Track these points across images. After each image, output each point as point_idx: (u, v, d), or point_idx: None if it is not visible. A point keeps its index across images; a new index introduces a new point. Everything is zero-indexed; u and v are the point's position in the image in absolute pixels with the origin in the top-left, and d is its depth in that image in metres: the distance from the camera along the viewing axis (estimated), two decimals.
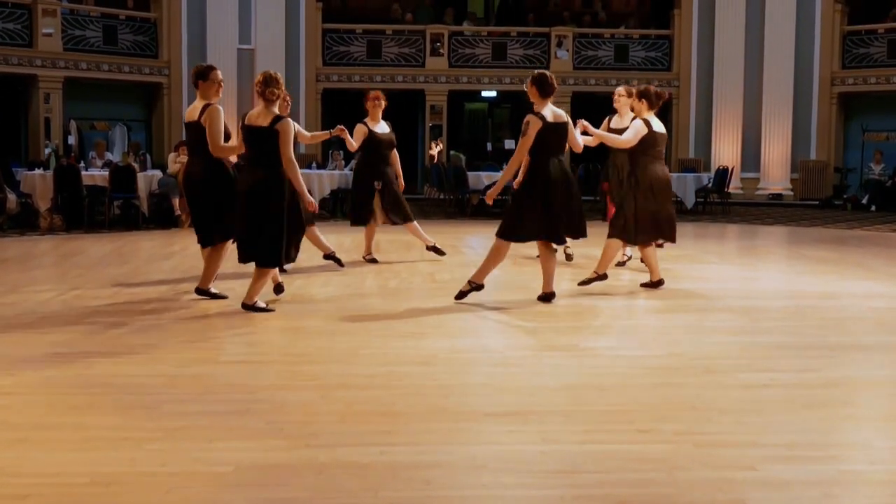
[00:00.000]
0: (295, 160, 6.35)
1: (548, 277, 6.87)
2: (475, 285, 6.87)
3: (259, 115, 6.35)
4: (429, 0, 22.70)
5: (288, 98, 7.52)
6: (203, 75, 6.72)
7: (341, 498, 3.10)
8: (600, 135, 7.54)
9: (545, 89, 6.68)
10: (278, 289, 6.92)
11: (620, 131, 7.81)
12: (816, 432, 3.87)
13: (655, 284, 7.54)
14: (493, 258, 6.85)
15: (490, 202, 7.15)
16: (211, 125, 6.55)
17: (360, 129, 8.89)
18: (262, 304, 6.45)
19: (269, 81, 6.30)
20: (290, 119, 6.45)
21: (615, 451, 3.56)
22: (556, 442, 3.69)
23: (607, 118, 8.66)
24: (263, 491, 3.15)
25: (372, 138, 8.82)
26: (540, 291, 6.91)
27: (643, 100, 7.34)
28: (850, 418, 4.15)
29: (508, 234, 6.76)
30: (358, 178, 9.02)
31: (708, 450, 3.59)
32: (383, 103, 8.94)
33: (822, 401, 4.35)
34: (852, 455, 3.65)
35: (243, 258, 6.49)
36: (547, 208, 6.62)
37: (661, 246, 8.28)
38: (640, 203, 7.28)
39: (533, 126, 6.61)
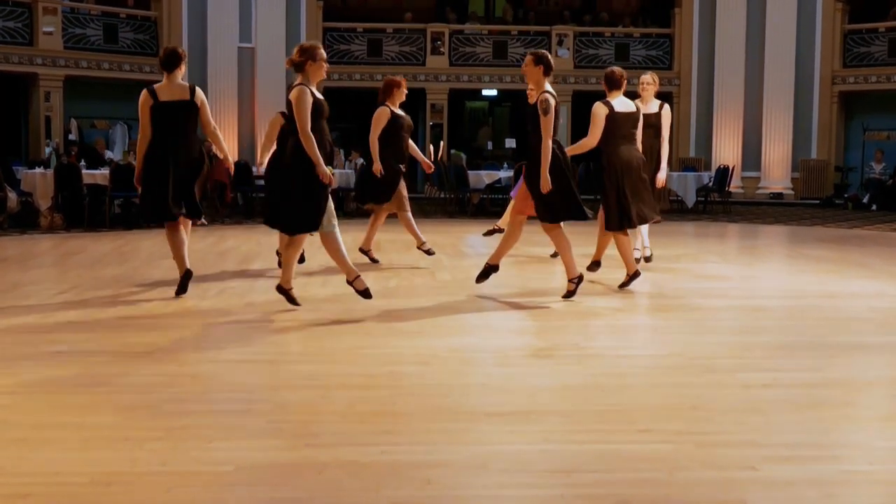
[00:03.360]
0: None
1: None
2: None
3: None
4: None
5: None
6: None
7: (342, 497, 3.10)
8: (569, 150, 7.38)
9: (549, 67, 6.70)
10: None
11: (647, 116, 8.12)
12: (817, 432, 3.87)
13: (632, 278, 7.40)
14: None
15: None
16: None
17: (383, 112, 8.61)
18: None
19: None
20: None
21: (616, 451, 3.56)
22: (557, 441, 3.69)
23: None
24: (264, 490, 3.14)
25: (395, 121, 8.67)
26: (541, 292, 6.90)
27: (603, 82, 7.50)
28: (851, 418, 4.15)
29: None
30: (383, 160, 8.63)
31: (708, 449, 3.59)
32: (405, 91, 8.82)
33: (823, 400, 4.35)
34: (853, 455, 3.65)
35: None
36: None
37: (657, 222, 8.25)
38: (620, 189, 7.28)
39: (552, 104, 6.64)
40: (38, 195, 13.05)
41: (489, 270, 6.99)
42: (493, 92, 22.11)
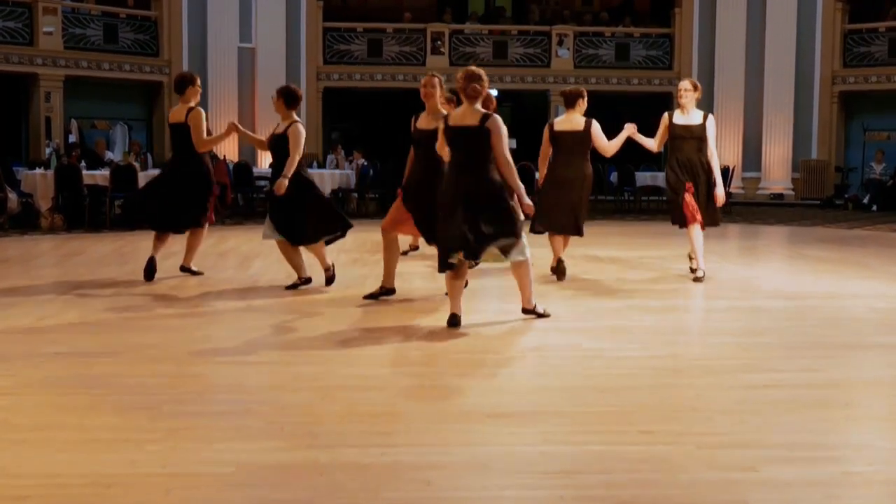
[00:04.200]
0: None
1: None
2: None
3: (465, 114, 5.86)
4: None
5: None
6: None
7: (342, 498, 3.10)
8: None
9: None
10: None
11: (686, 127, 8.03)
12: (818, 433, 3.87)
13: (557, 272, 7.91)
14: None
15: None
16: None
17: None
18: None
19: (471, 77, 5.83)
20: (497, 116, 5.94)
21: (616, 452, 3.56)
22: (557, 443, 3.68)
23: (666, 114, 8.37)
24: (264, 491, 3.14)
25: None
26: (541, 293, 6.88)
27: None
28: (852, 419, 4.14)
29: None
30: None
31: (709, 450, 3.59)
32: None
33: (824, 401, 4.35)
34: (853, 456, 3.65)
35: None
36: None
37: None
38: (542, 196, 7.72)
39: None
40: (39, 196, 13.04)
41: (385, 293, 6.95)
42: (494, 92, 22.06)
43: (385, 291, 6.93)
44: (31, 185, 13.19)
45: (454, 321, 5.87)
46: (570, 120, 7.80)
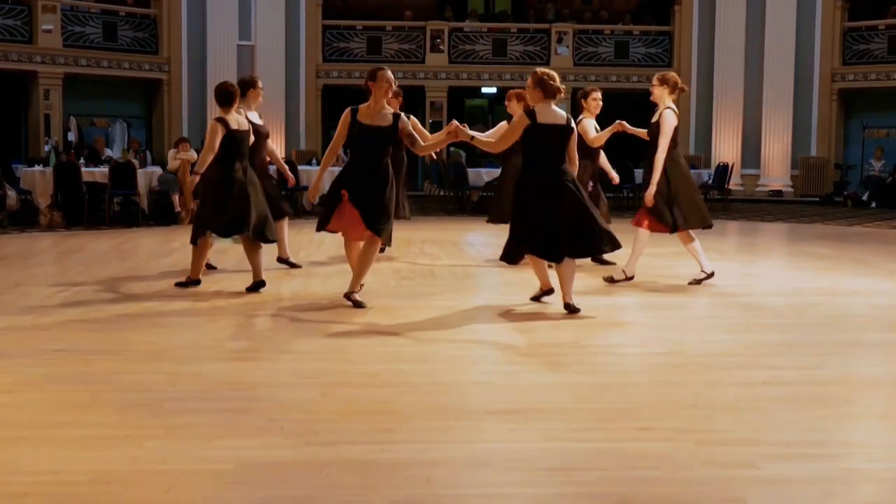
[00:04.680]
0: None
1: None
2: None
3: (553, 113, 6.20)
4: None
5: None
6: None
7: (342, 496, 3.10)
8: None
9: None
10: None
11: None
12: (817, 430, 3.87)
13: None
14: None
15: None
16: None
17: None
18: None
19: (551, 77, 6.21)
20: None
21: (616, 449, 3.56)
22: (557, 440, 3.68)
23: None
24: (264, 489, 3.14)
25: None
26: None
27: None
28: (851, 416, 4.15)
29: None
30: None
31: (709, 448, 3.59)
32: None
33: (823, 398, 4.35)
34: (853, 453, 3.65)
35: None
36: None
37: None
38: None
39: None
40: (38, 193, 13.05)
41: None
42: (493, 90, 22.09)
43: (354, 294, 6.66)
44: (30, 182, 13.20)
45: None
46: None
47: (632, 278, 7.57)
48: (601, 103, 8.60)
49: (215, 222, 7.08)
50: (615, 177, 9.47)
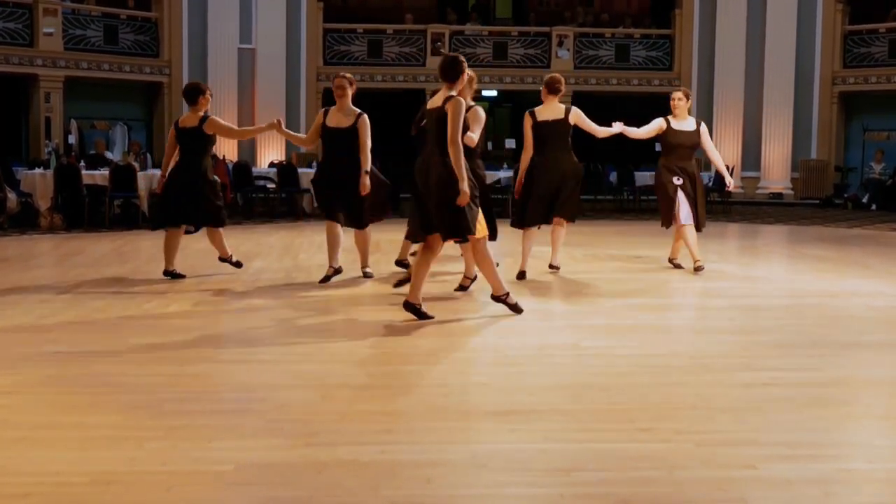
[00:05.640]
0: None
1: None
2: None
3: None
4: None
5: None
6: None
7: (342, 496, 3.10)
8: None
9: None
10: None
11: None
12: (817, 431, 3.87)
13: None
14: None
15: None
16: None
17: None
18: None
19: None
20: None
21: (615, 450, 3.56)
22: (557, 441, 3.69)
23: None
24: (264, 490, 3.15)
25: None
26: (541, 292, 6.90)
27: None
28: (851, 417, 4.15)
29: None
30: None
31: (708, 448, 3.59)
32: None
33: (823, 399, 4.35)
34: (852, 454, 3.65)
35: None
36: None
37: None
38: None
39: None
40: (38, 196, 13.05)
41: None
42: (494, 93, 22.11)
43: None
44: (30, 184, 13.20)
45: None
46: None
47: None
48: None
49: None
50: None
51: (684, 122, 8.40)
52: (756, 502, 3.09)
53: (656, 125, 8.43)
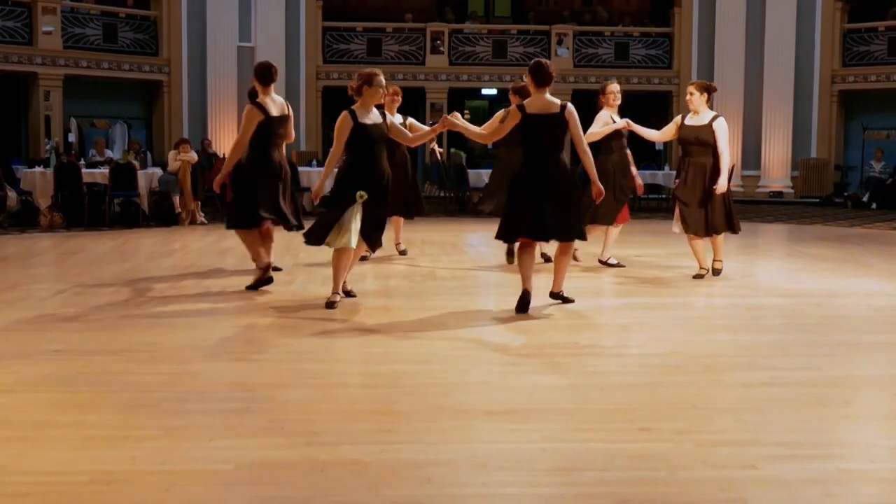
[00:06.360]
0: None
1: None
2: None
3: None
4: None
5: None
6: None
7: (342, 496, 3.10)
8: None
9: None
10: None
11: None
12: (817, 431, 3.87)
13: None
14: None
15: None
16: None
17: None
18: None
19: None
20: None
21: (616, 450, 3.56)
22: (557, 440, 3.69)
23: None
24: (264, 489, 3.14)
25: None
26: (540, 292, 6.88)
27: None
28: (851, 417, 4.15)
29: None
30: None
31: (708, 448, 3.59)
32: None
33: (823, 399, 4.35)
34: (853, 454, 3.65)
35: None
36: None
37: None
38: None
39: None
40: (38, 194, 13.04)
41: None
42: (493, 91, 22.10)
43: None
44: (30, 183, 13.19)
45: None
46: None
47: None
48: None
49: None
50: None
51: (698, 117, 8.04)
52: (756, 502, 3.09)
53: (673, 124, 8.12)
